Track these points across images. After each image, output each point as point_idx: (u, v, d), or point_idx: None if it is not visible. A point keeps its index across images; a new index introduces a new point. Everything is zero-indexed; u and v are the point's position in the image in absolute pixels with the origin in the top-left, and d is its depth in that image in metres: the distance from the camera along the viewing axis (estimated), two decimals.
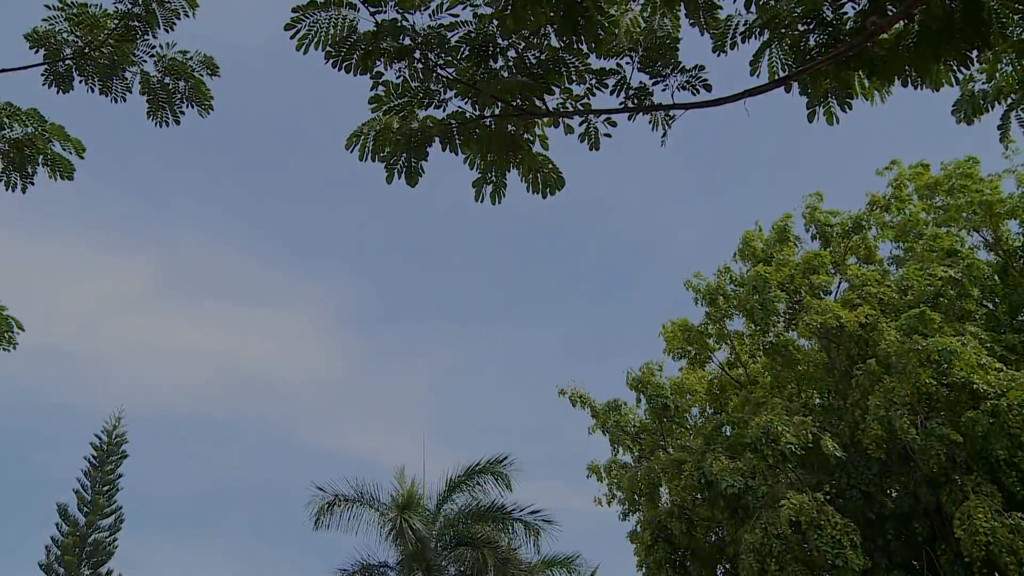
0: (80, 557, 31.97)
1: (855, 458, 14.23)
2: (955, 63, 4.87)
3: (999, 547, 11.90)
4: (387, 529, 27.21)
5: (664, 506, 15.66)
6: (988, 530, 12.02)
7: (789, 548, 13.02)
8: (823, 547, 12.67)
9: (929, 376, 13.08)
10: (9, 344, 8.63)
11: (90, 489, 33.10)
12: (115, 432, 34.15)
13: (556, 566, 30.25)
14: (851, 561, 12.55)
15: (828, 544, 12.68)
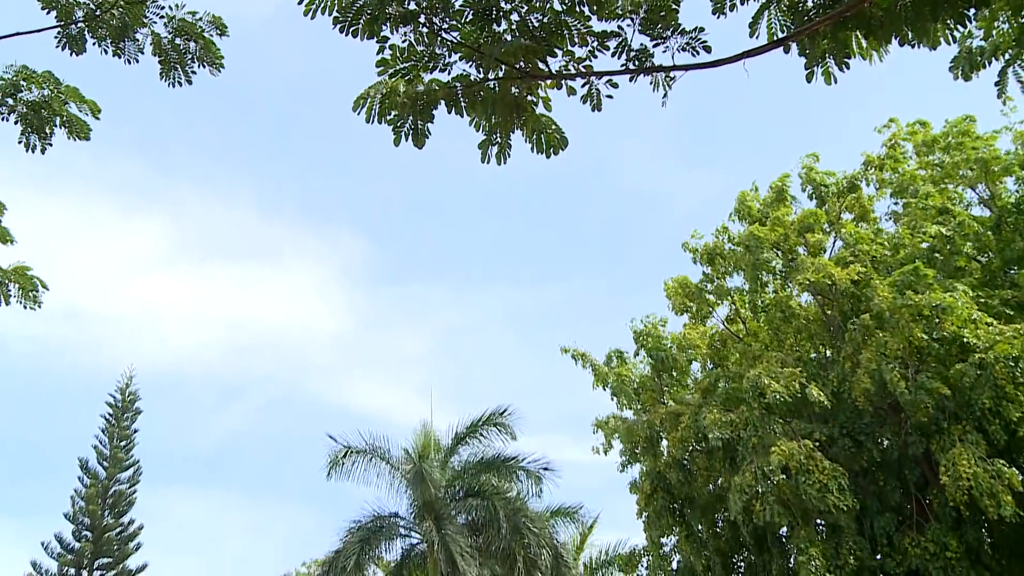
0: (102, 508, 32.44)
1: (846, 408, 14.33)
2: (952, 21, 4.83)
3: (980, 491, 12.10)
4: (398, 481, 27.54)
5: (663, 458, 15.79)
6: (970, 475, 12.22)
7: (778, 491, 13.15)
8: (810, 491, 12.78)
9: (921, 331, 13.17)
10: (34, 303, 8.71)
11: (108, 444, 33.50)
12: (128, 389, 34.50)
13: (560, 516, 30.66)
14: (839, 503, 12.68)
15: (815, 488, 12.79)
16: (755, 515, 13.33)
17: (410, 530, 27.67)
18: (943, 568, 13.47)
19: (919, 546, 13.73)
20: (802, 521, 13.52)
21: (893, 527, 14.34)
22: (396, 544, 27.98)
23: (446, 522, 26.39)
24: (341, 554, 26.38)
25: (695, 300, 15.45)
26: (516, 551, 25.95)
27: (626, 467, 16.31)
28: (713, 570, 16.20)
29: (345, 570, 26.01)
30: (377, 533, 27.23)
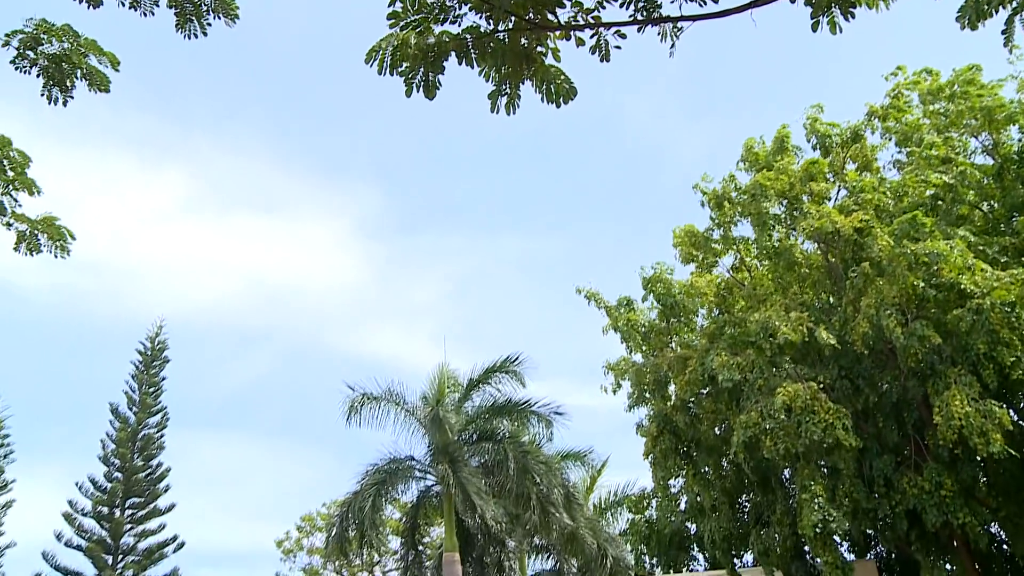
0: (132, 451, 32.99)
1: (848, 353, 14.36)
2: None
3: (970, 430, 12.23)
4: (413, 425, 27.84)
5: (671, 400, 15.87)
6: (962, 416, 12.33)
7: (783, 429, 13.23)
8: (814, 429, 12.86)
9: (918, 278, 13.15)
10: (64, 252, 8.82)
11: (137, 391, 33.98)
12: (157, 339, 34.93)
13: (570, 459, 30.99)
14: (842, 440, 12.77)
15: (819, 427, 12.87)
16: (766, 450, 13.42)
17: (425, 473, 28.04)
18: (938, 506, 13.63)
19: (916, 486, 13.86)
20: (804, 460, 13.61)
21: (891, 468, 14.47)
22: (412, 486, 28.41)
23: (461, 465, 26.72)
24: (359, 496, 26.80)
25: (701, 249, 15.39)
26: (530, 492, 26.31)
27: (633, 408, 16.39)
28: (719, 509, 16.36)
29: (363, 511, 26.43)
30: (393, 476, 27.61)
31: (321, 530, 38.05)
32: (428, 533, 32.13)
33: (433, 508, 29.34)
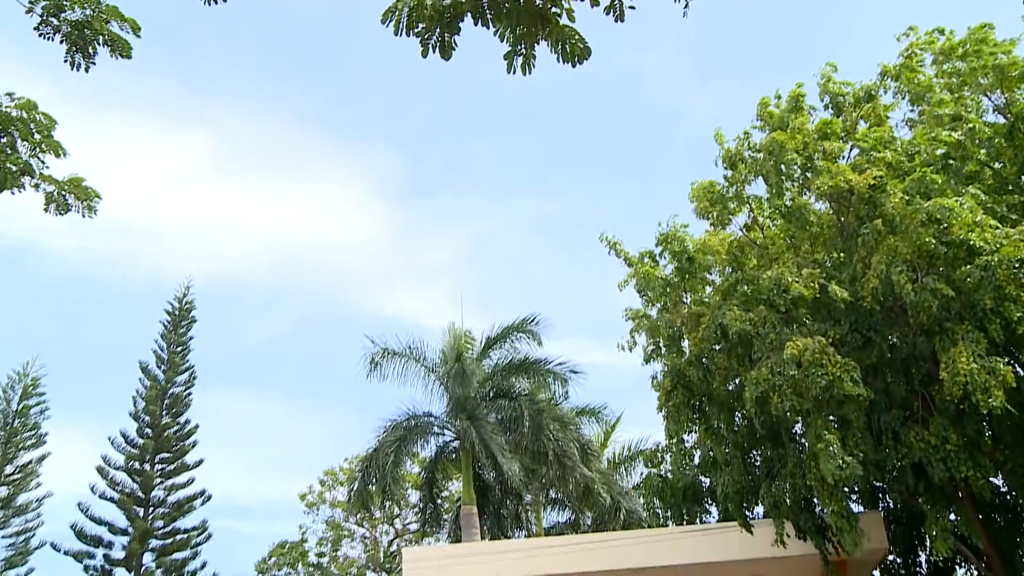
0: (161, 408, 33.59)
1: (859, 309, 14.35)
2: None
3: (974, 386, 12.19)
4: (432, 382, 28.15)
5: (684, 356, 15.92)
6: (967, 372, 12.29)
7: (792, 384, 13.28)
8: (821, 382, 12.94)
9: (929, 235, 13.08)
10: (91, 211, 8.92)
11: (166, 349, 34.53)
12: (185, 299, 35.44)
13: (585, 415, 31.29)
14: (849, 391, 12.81)
15: (826, 379, 12.95)
16: (773, 406, 13.45)
17: (443, 428, 28.44)
18: (943, 459, 13.69)
19: (922, 440, 13.92)
20: (816, 413, 13.66)
21: (899, 422, 14.51)
22: (430, 442, 28.85)
23: (479, 421, 27.05)
24: (380, 452, 27.22)
25: (717, 205, 15.31)
26: (546, 447, 26.62)
27: (649, 361, 16.43)
28: (731, 463, 16.47)
29: (384, 466, 26.88)
30: (412, 431, 28.04)
31: (343, 484, 38.68)
32: (446, 487, 32.65)
33: (451, 463, 29.81)
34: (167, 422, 33.25)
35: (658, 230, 16.00)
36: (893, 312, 14.36)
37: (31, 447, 34.43)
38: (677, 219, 16.01)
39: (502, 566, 21.34)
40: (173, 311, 34.97)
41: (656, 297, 16.38)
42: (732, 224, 16.09)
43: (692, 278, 16.04)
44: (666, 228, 15.99)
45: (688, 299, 16.03)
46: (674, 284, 16.02)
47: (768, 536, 17.85)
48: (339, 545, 40.75)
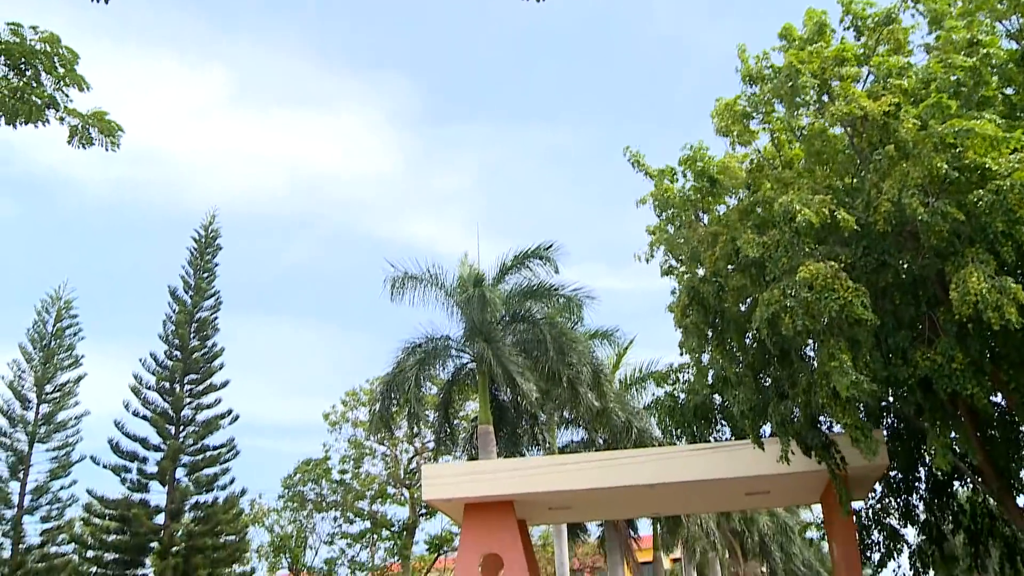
0: (189, 331, 34.04)
1: (869, 234, 14.30)
2: None
3: (985, 304, 12.19)
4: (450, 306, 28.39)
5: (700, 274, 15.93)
6: (977, 291, 12.27)
7: (804, 306, 13.32)
8: (832, 306, 12.97)
9: (942, 160, 12.95)
10: (114, 144, 8.87)
11: (193, 276, 34.81)
12: (210, 227, 35.57)
13: (598, 337, 31.54)
14: (860, 315, 12.85)
15: (838, 303, 12.97)
16: (783, 327, 13.52)
17: (460, 351, 28.77)
18: (948, 377, 13.82)
19: (928, 359, 14.03)
20: (827, 334, 13.74)
21: (907, 342, 14.60)
22: (448, 364, 29.24)
23: (495, 343, 27.31)
24: (400, 374, 27.61)
25: (737, 124, 15.11)
26: (560, 370, 26.94)
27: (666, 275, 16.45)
28: (743, 382, 16.64)
29: (405, 388, 27.31)
30: (431, 354, 28.40)
31: (364, 404, 39.34)
32: (462, 407, 33.18)
33: (467, 384, 30.24)
34: (195, 345, 33.72)
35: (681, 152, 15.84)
36: (903, 236, 14.32)
37: (68, 367, 35.08)
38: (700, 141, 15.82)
39: (518, 482, 21.77)
40: (199, 238, 35.16)
41: (674, 215, 16.30)
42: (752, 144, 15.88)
43: (710, 198, 15.93)
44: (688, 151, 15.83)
45: (706, 219, 15.94)
46: (693, 202, 15.91)
47: (772, 454, 18.13)
48: (361, 462, 41.64)
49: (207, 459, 33.15)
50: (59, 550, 33.42)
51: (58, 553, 33.28)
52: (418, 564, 42.10)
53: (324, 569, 41.89)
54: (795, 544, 55.09)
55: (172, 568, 30.60)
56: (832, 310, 13.00)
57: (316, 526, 42.37)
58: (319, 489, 41.71)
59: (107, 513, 32.10)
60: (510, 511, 21.95)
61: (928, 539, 22.21)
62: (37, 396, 33.98)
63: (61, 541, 33.57)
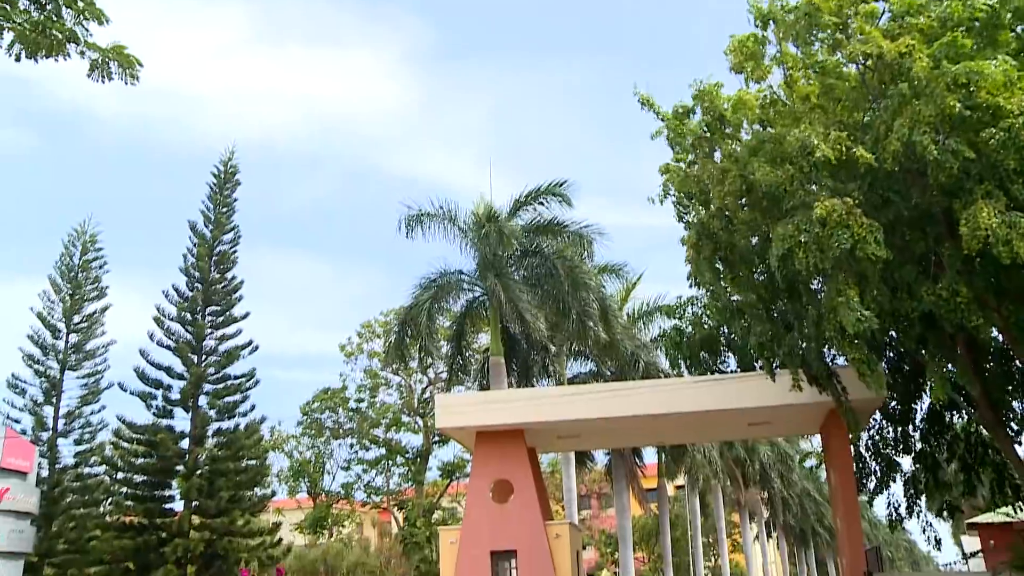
0: (209, 264, 34.16)
1: (881, 170, 14.18)
2: None
3: (996, 239, 12.16)
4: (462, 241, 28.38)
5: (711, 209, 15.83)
6: (988, 226, 12.22)
7: (817, 241, 13.28)
8: (846, 241, 12.94)
9: (954, 99, 12.74)
10: (133, 78, 8.73)
11: (212, 210, 34.79)
12: (229, 163, 35.42)
13: (607, 272, 31.55)
14: (874, 252, 12.82)
15: (851, 240, 12.94)
16: (797, 262, 13.50)
17: (472, 285, 28.87)
18: (953, 311, 13.88)
19: (934, 294, 14.04)
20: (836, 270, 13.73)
21: (913, 277, 14.63)
22: (460, 297, 29.41)
23: (507, 277, 27.37)
24: (415, 308, 27.78)
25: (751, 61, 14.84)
26: (570, 303, 27.02)
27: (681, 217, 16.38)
28: (754, 315, 16.72)
29: (419, 321, 27.51)
30: (444, 288, 28.54)
31: (379, 336, 39.66)
32: (475, 339, 33.40)
33: (479, 317, 30.41)
34: (215, 277, 33.87)
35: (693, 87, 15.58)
36: (911, 175, 14.18)
37: (94, 299, 35.39)
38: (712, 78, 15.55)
39: (528, 411, 22.12)
40: (218, 174, 34.99)
41: (686, 152, 16.14)
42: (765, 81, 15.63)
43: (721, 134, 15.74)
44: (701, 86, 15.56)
45: (718, 155, 15.73)
46: (704, 139, 15.73)
47: (774, 386, 18.28)
48: (376, 392, 42.21)
49: (228, 387, 33.53)
50: (92, 471, 34.24)
51: (91, 474, 34.10)
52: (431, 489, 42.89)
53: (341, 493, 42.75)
54: (794, 472, 55.92)
55: (197, 490, 31.27)
56: (845, 247, 12.98)
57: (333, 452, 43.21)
58: (336, 417, 42.35)
59: (135, 437, 32.68)
60: (520, 439, 22.33)
61: (923, 467, 22.57)
62: (66, 326, 34.39)
63: (93, 463, 34.36)
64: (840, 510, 21.69)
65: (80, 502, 33.33)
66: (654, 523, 48.78)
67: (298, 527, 41.97)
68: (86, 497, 33.61)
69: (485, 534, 21.45)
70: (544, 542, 21.28)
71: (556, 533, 21.84)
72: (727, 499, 53.12)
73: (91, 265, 35.27)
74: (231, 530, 31.69)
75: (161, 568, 31.75)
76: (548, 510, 24.39)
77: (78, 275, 34.95)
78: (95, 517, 33.37)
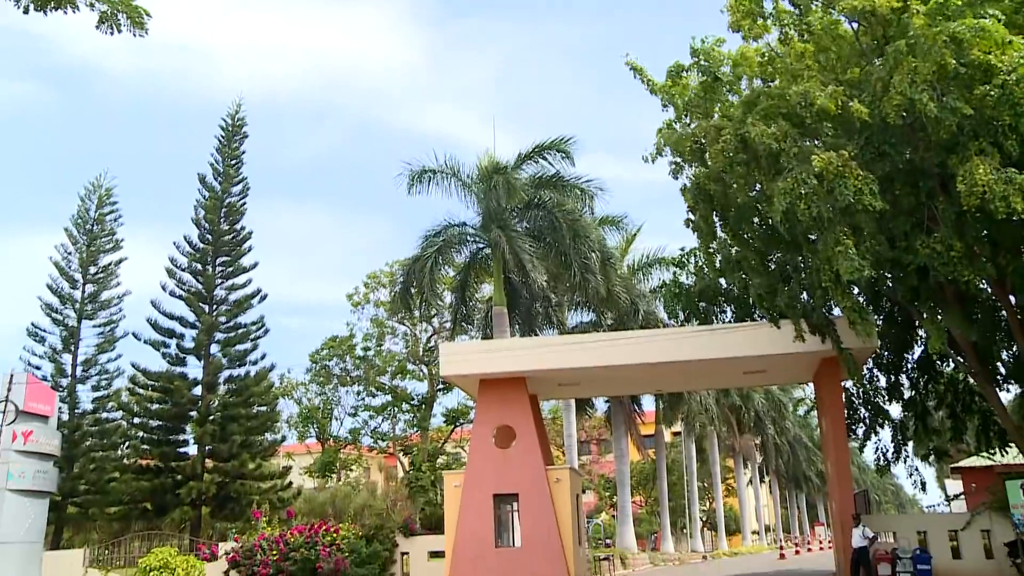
0: (219, 216, 34.14)
1: (874, 126, 14.14)
2: None
3: (992, 195, 12.18)
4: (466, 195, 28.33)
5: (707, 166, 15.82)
6: (985, 183, 12.23)
7: (816, 194, 13.31)
8: (845, 193, 12.97)
9: (950, 56, 12.63)
10: (141, 28, 8.63)
11: (221, 163, 34.64)
12: (236, 116, 35.16)
13: (607, 223, 31.53)
14: (871, 203, 12.89)
15: (850, 191, 12.96)
16: (800, 213, 13.54)
17: (476, 237, 28.90)
18: (946, 264, 13.97)
19: (928, 246, 14.11)
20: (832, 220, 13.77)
21: (907, 229, 14.72)
22: (463, 249, 29.47)
23: (510, 230, 27.37)
24: (420, 259, 27.88)
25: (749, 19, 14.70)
26: (571, 255, 27.07)
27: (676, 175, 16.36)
28: (754, 267, 16.84)
29: (424, 272, 27.60)
30: (448, 240, 28.60)
31: (385, 286, 39.76)
32: (479, 290, 33.50)
33: (482, 269, 30.47)
34: (224, 229, 33.85)
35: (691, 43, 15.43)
36: (907, 130, 14.14)
37: (109, 250, 35.44)
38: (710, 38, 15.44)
39: (530, 359, 22.26)
40: (226, 127, 34.74)
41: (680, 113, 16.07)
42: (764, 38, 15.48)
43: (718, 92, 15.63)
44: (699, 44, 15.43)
45: (717, 114, 15.65)
46: (700, 98, 15.63)
47: (769, 335, 18.41)
48: (383, 340, 42.42)
49: (239, 336, 33.70)
50: (109, 416, 34.63)
51: (109, 419, 34.49)
52: (436, 435, 43.38)
53: (349, 438, 43.24)
54: (787, 420, 56.50)
55: (210, 435, 31.65)
56: (845, 199, 12.98)
57: (341, 399, 43.55)
58: (344, 365, 42.63)
59: (150, 384, 32.98)
60: (522, 386, 22.50)
61: (912, 414, 22.82)
62: (83, 276, 34.48)
63: (110, 408, 34.73)
64: (831, 455, 21.96)
65: (99, 445, 33.78)
66: (651, 468, 49.44)
67: (307, 471, 42.47)
68: (104, 441, 34.05)
69: (488, 478, 21.69)
70: (545, 486, 21.49)
71: (556, 477, 22.00)
72: (722, 445, 53.78)
73: (106, 218, 35.25)
74: (243, 473, 32.16)
75: (177, 509, 32.37)
76: (549, 455, 24.66)
77: (94, 228, 34.94)
78: (113, 460, 33.89)
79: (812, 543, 55.23)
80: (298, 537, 22.33)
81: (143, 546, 25.71)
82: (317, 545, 21.92)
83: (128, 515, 32.55)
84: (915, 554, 18.56)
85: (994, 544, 19.32)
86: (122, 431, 34.63)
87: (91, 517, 33.57)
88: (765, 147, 13.72)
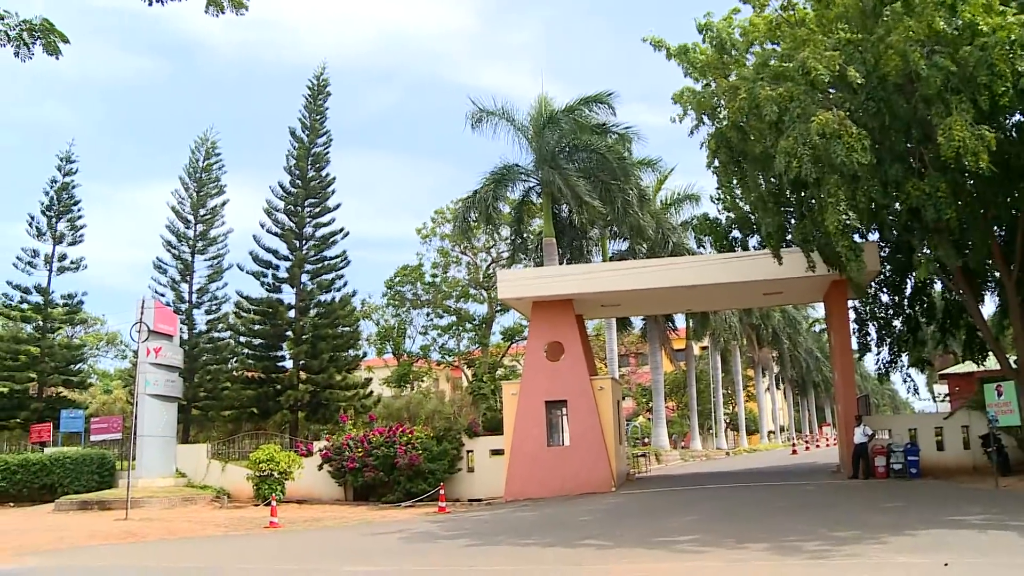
0: (307, 164, 35.50)
1: (872, 83, 14.52)
2: None
3: (965, 149, 12.73)
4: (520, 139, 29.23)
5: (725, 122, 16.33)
6: (960, 138, 12.75)
7: (815, 151, 13.85)
8: (840, 151, 13.50)
9: (941, 17, 12.99)
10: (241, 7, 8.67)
11: (308, 118, 35.82)
12: (321, 76, 36.17)
13: (644, 165, 32.24)
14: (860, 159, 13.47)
15: (844, 149, 13.51)
16: (791, 171, 14.16)
17: (528, 176, 29.86)
18: (934, 205, 14.58)
19: (918, 189, 14.69)
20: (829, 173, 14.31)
21: (900, 174, 15.19)
22: (517, 187, 30.48)
23: (559, 169, 28.30)
24: (479, 193, 28.99)
25: None
26: (614, 192, 27.99)
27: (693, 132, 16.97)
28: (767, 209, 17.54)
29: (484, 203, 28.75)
30: (504, 178, 29.61)
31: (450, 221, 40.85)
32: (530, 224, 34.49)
33: (534, 205, 31.52)
34: (312, 175, 35.06)
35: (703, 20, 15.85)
36: (900, 84, 14.51)
37: (215, 195, 36.97)
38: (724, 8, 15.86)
39: (576, 284, 23.21)
40: (312, 87, 35.70)
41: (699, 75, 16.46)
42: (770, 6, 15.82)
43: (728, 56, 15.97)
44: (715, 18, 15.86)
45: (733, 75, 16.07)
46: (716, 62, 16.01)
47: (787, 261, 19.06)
48: (448, 268, 43.57)
49: (325, 267, 35.13)
50: (220, 336, 36.70)
51: (220, 338, 36.58)
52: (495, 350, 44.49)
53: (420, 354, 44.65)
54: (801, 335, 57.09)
55: (303, 352, 33.53)
56: (839, 157, 13.52)
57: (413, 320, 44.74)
58: (415, 290, 43.72)
59: (252, 309, 34.83)
60: (570, 308, 23.38)
61: (907, 329, 23.43)
62: (194, 217, 36.13)
63: (221, 329, 36.64)
64: (837, 365, 22.71)
65: (213, 360, 35.87)
66: (682, 377, 50.71)
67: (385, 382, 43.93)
68: (217, 356, 36.11)
69: (541, 387, 22.62)
70: (590, 393, 22.43)
71: (600, 386, 22.87)
72: (744, 357, 54.69)
73: (212, 167, 36.65)
74: (331, 384, 33.90)
75: (278, 413, 34.59)
76: (593, 367, 25.59)
77: (202, 176, 36.45)
78: (225, 372, 35.93)
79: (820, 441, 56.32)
80: (379, 437, 23.78)
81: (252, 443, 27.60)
82: (395, 444, 23.32)
83: (239, 418, 34.80)
84: (906, 447, 19.65)
85: (971, 437, 20.32)
86: (231, 348, 36.66)
87: (210, 419, 36.00)
88: (770, 110, 14.24)
